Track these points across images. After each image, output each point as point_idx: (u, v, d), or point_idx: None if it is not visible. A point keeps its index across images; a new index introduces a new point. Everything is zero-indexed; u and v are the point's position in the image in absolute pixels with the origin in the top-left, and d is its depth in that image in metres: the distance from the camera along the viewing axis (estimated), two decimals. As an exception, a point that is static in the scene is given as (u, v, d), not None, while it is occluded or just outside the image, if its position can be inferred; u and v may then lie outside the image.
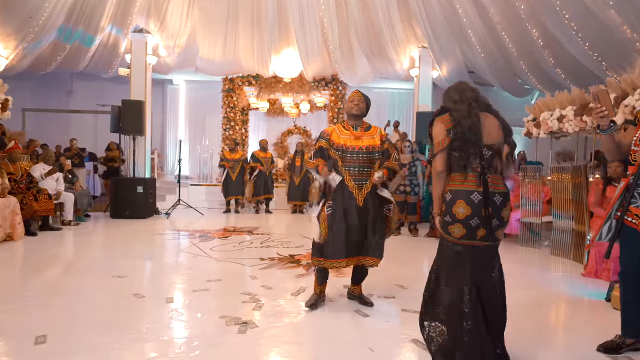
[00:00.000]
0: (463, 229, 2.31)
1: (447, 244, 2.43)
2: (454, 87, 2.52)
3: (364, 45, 10.00)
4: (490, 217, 2.30)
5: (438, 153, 2.39)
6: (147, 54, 9.62)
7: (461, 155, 2.33)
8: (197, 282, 4.27)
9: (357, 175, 3.37)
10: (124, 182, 8.95)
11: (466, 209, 2.29)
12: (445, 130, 2.37)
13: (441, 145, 2.37)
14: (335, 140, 3.45)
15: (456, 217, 2.31)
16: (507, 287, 2.56)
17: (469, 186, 2.32)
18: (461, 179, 2.35)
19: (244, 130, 13.36)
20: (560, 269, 5.38)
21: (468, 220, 2.30)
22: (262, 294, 3.85)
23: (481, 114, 2.39)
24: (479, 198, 2.29)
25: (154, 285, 4.11)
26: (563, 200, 5.73)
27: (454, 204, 2.33)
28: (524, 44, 9.10)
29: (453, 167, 2.39)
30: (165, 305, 3.52)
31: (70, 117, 14.99)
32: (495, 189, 2.34)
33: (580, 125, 6.63)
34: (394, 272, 4.82)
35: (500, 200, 2.34)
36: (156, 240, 6.52)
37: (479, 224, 2.30)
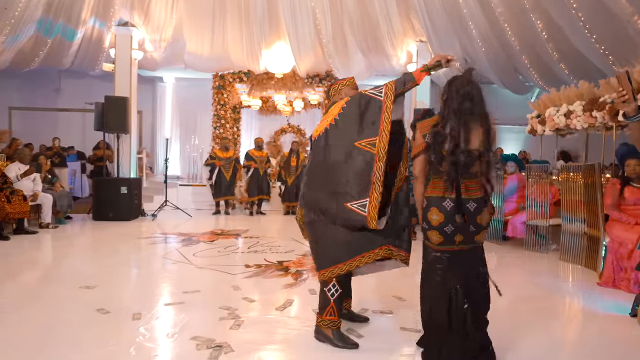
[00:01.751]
0: (439, 235, 2.29)
1: (428, 249, 2.41)
2: (455, 83, 2.34)
3: (359, 38, 9.56)
4: (466, 224, 2.27)
5: (415, 157, 2.40)
6: (132, 48, 9.17)
7: (436, 160, 2.31)
8: (172, 293, 3.84)
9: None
10: (107, 183, 8.51)
11: (439, 215, 2.27)
12: (421, 134, 2.37)
13: (418, 149, 2.38)
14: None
15: (431, 223, 2.30)
16: (511, 296, 2.70)
17: (440, 192, 2.30)
18: (435, 185, 2.34)
19: (235, 129, 12.94)
20: (572, 277, 4.97)
21: (442, 227, 2.27)
22: (243, 309, 3.42)
23: (471, 118, 2.28)
24: (451, 205, 2.26)
25: (122, 297, 3.67)
26: (573, 202, 5.32)
27: (428, 211, 2.32)
28: (527, 37, 8.70)
29: (431, 171, 2.38)
30: (130, 323, 3.08)
31: (58, 115, 14.64)
32: (469, 196, 2.29)
33: (589, 121, 6.23)
34: (390, 280, 4.39)
35: (474, 206, 2.30)
36: (137, 245, 6.08)
37: (454, 231, 2.27)
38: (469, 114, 2.27)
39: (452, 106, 2.29)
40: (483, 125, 2.30)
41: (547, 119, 7.11)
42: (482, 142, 2.29)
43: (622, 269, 4.19)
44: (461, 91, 2.29)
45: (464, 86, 2.30)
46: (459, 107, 2.27)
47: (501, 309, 3.25)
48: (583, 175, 5.10)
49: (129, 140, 9.22)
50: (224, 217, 9.32)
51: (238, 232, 7.24)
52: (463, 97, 2.28)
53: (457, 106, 2.27)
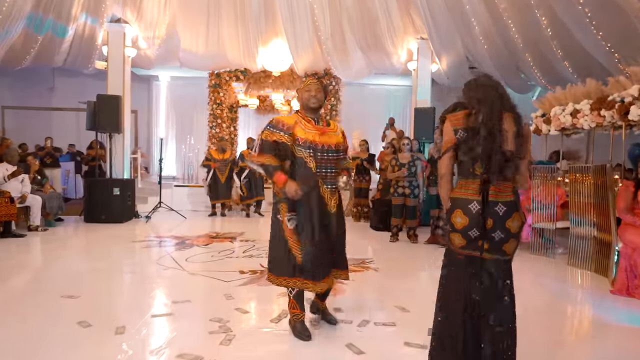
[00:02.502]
0: (462, 239, 2.13)
1: (451, 250, 2.25)
2: (477, 83, 2.22)
3: (358, 36, 9.32)
4: (492, 230, 2.08)
5: (443, 154, 2.20)
6: (125, 45, 8.91)
7: (468, 159, 2.13)
8: (160, 303, 3.61)
9: (329, 178, 2.92)
10: (100, 184, 8.27)
11: (464, 219, 2.11)
12: (453, 130, 2.17)
13: (448, 145, 2.18)
14: (301, 135, 2.88)
15: (454, 226, 2.14)
16: (516, 304, 2.25)
17: (468, 194, 2.13)
18: (462, 187, 2.17)
19: (232, 129, 12.70)
20: (581, 283, 4.75)
21: (467, 232, 2.10)
22: (235, 321, 3.19)
23: (504, 116, 2.13)
24: (477, 208, 2.09)
25: (107, 308, 3.44)
26: (582, 204, 5.11)
27: (452, 213, 2.16)
28: (531, 34, 8.47)
29: (459, 171, 2.22)
30: (112, 338, 2.84)
31: (52, 114, 14.42)
32: (497, 198, 2.10)
33: (597, 120, 6.01)
34: (392, 288, 4.18)
35: (503, 210, 2.10)
36: (128, 249, 5.84)
37: (478, 236, 2.09)
38: (501, 106, 2.13)
39: (482, 99, 2.13)
40: (516, 124, 2.16)
41: (552, 118, 6.88)
42: (515, 142, 2.14)
43: (637, 276, 3.97)
44: (488, 83, 2.18)
45: (490, 80, 2.21)
46: (489, 97, 2.13)
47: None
48: (593, 177, 4.88)
49: (122, 140, 8.96)
50: (220, 219, 9.09)
51: (234, 235, 7.02)
52: (491, 87, 2.17)
53: (487, 96, 2.13)
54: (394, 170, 6.63)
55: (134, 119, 14.98)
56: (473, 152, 2.10)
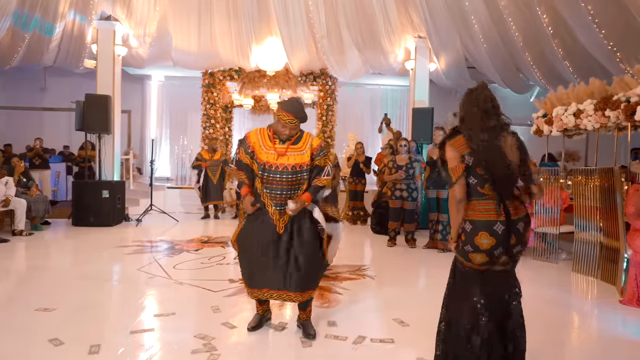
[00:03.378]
0: (486, 257, 2.18)
1: (464, 267, 2.27)
2: (473, 98, 2.27)
3: (354, 34, 9.07)
4: (514, 245, 2.20)
5: (456, 181, 2.21)
6: (116, 44, 8.66)
7: (478, 181, 2.19)
8: (141, 317, 3.37)
9: (279, 200, 2.91)
10: (88, 186, 8.01)
11: (490, 240, 2.15)
12: (460, 155, 2.21)
13: (457, 172, 2.21)
14: (258, 155, 2.95)
15: (479, 248, 2.17)
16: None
17: (490, 216, 2.17)
18: (477, 208, 2.21)
19: (227, 129, 12.46)
20: (588, 292, 4.54)
21: (492, 251, 2.17)
22: (221, 337, 2.96)
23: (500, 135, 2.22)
24: (502, 228, 2.15)
25: (83, 323, 3.20)
26: (588, 208, 4.90)
27: (476, 235, 2.18)
28: (532, 33, 8.27)
29: (471, 194, 2.24)
30: (85, 358, 2.61)
31: (44, 115, 14.22)
32: (517, 216, 2.20)
33: (601, 121, 5.80)
34: (390, 299, 3.95)
35: (522, 226, 2.22)
36: (113, 255, 5.59)
37: (502, 252, 2.18)
38: (500, 129, 2.21)
39: (480, 124, 2.20)
40: (511, 135, 2.26)
41: (554, 118, 6.67)
42: (516, 154, 2.23)
43: (647, 285, 3.76)
44: (482, 107, 2.22)
45: (487, 102, 2.23)
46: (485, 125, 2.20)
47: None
48: (599, 179, 4.67)
49: (112, 141, 8.71)
50: (213, 222, 8.86)
51: (226, 239, 6.78)
52: (488, 115, 2.21)
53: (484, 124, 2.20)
54: (391, 172, 6.41)
55: (127, 119, 14.75)
56: (480, 175, 2.17)
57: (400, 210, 6.42)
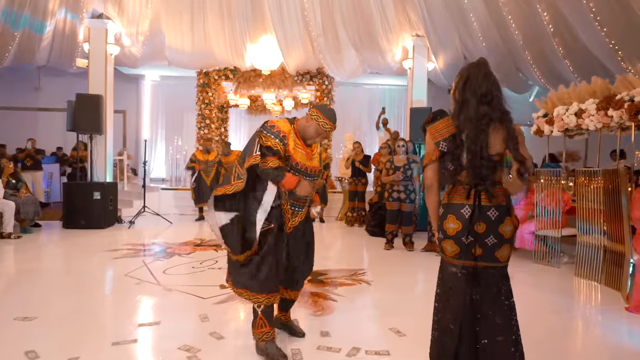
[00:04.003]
0: (456, 245, 2.08)
1: (445, 264, 2.19)
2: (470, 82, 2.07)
3: (351, 32, 8.91)
4: (485, 234, 2.05)
5: (427, 165, 2.15)
6: (108, 42, 8.49)
7: (453, 166, 2.09)
8: (125, 327, 3.20)
9: (299, 202, 2.80)
10: (79, 187, 7.84)
11: (456, 223, 2.07)
12: (434, 143, 2.12)
13: (430, 156, 2.13)
14: (292, 152, 2.69)
15: (447, 232, 2.10)
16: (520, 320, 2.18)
17: (458, 199, 2.10)
18: (453, 192, 2.13)
19: (223, 129, 12.30)
20: (591, 298, 4.38)
21: (459, 237, 2.06)
22: (207, 350, 2.79)
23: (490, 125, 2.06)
24: (469, 212, 2.06)
25: (63, 333, 3.03)
26: (591, 210, 4.75)
27: (445, 219, 2.12)
28: (532, 31, 8.13)
29: (445, 180, 2.17)
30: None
31: (38, 115, 14.08)
32: (490, 203, 2.06)
33: (603, 120, 5.65)
34: (387, 306, 3.79)
35: (496, 215, 2.06)
36: (102, 259, 5.42)
37: (472, 242, 2.06)
38: (489, 120, 2.03)
39: (468, 113, 2.04)
40: (504, 123, 2.06)
41: (555, 118, 6.52)
42: (506, 142, 2.06)
43: (655, 292, 3.61)
44: (478, 92, 2.04)
45: (480, 86, 2.05)
46: (475, 114, 2.03)
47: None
48: (603, 181, 4.53)
49: (105, 142, 8.53)
50: (207, 224, 8.67)
51: (219, 242, 6.60)
52: (480, 100, 2.04)
53: (474, 113, 2.03)
54: (388, 173, 6.26)
55: (122, 119, 14.61)
56: (457, 161, 2.07)
57: (397, 212, 6.27)
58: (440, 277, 2.21)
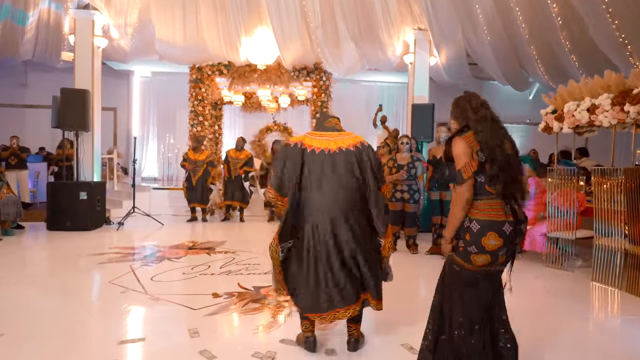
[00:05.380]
0: (489, 258, 2.13)
1: (464, 270, 2.18)
2: (467, 101, 2.25)
3: (351, 25, 8.54)
4: (515, 245, 2.20)
5: (468, 179, 2.12)
6: (95, 34, 8.08)
7: (485, 180, 2.14)
8: (105, 345, 2.84)
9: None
10: (64, 187, 7.46)
11: (498, 240, 2.11)
12: (472, 151, 2.13)
13: (470, 168, 2.12)
14: None
15: (485, 248, 2.12)
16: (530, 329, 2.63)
17: (499, 216, 2.13)
18: (487, 207, 2.14)
19: (217, 127, 11.91)
20: (609, 305, 4.07)
21: (497, 252, 2.13)
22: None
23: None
24: (510, 229, 2.14)
25: (31, 353, 2.67)
26: (610, 211, 4.44)
27: (483, 236, 2.11)
28: (539, 23, 7.82)
29: (477, 193, 2.16)
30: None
31: (24, 112, 13.67)
32: (522, 217, 2.20)
33: (619, 116, 5.34)
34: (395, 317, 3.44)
35: (525, 227, 2.26)
36: (85, 264, 5.04)
37: (504, 253, 2.16)
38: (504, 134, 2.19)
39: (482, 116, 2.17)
40: (507, 136, 2.21)
41: (565, 114, 6.21)
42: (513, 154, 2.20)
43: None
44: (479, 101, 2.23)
45: (478, 98, 2.25)
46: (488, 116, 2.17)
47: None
48: (625, 179, 4.22)
49: (92, 139, 8.14)
50: (201, 225, 8.34)
51: (212, 244, 6.27)
52: (484, 106, 2.22)
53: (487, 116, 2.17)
54: (391, 172, 5.93)
55: (113, 117, 14.21)
56: (496, 172, 2.10)
57: (401, 213, 5.94)
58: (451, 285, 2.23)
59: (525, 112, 13.54)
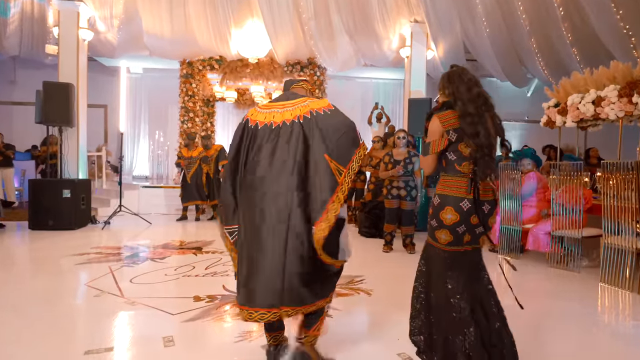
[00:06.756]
0: (450, 235, 2.19)
1: (435, 250, 2.27)
2: (458, 76, 2.22)
3: (345, 17, 8.26)
4: (476, 225, 2.20)
5: (431, 154, 2.22)
6: (80, 27, 7.77)
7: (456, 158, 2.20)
8: (68, 355, 2.55)
9: None
10: (47, 185, 7.14)
11: (454, 215, 2.17)
12: (442, 130, 2.18)
13: (438, 146, 2.19)
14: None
15: (443, 222, 2.19)
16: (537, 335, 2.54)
17: (460, 193, 2.18)
18: (450, 185, 2.22)
19: (209, 124, 11.62)
20: (620, 308, 3.80)
21: (455, 227, 2.17)
22: (165, 388, 2.17)
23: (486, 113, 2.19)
24: (468, 206, 2.17)
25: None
26: (620, 209, 4.17)
27: (442, 210, 2.20)
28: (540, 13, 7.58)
29: (443, 169, 2.27)
30: None
31: (13, 109, 13.39)
32: (484, 198, 2.22)
33: (626, 109, 5.09)
34: (390, 322, 3.17)
35: (488, 209, 2.24)
36: (63, 265, 4.74)
37: (465, 231, 2.19)
38: (485, 100, 2.17)
39: (465, 96, 2.15)
40: (492, 115, 2.22)
41: (569, 107, 5.95)
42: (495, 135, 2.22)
43: None
44: (465, 78, 2.20)
45: (466, 74, 2.23)
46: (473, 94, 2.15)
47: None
48: (637, 175, 3.95)
49: (77, 135, 7.83)
50: (193, 224, 8.06)
51: (200, 244, 5.98)
52: (473, 82, 2.19)
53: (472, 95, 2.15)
54: (387, 168, 5.66)
55: (103, 114, 13.91)
56: (466, 151, 2.15)
57: (397, 211, 5.67)
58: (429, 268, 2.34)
59: (523, 109, 13.32)
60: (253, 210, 2.13)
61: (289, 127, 2.17)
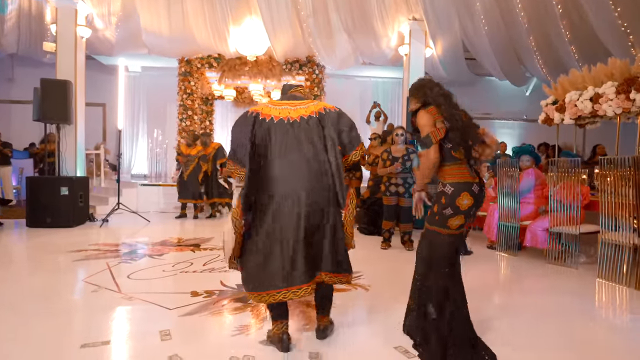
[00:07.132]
0: (463, 219, 2.38)
1: (442, 237, 2.41)
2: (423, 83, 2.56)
3: (344, 15, 8.26)
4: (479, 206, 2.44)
5: (435, 143, 2.38)
6: (78, 24, 7.76)
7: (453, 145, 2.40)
8: (64, 348, 2.54)
9: None
10: (44, 182, 7.13)
11: (469, 200, 2.36)
12: (433, 120, 2.40)
13: (438, 134, 2.37)
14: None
15: (460, 208, 2.35)
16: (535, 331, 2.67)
17: (467, 178, 2.39)
18: (459, 171, 2.41)
19: (208, 123, 11.61)
20: (619, 304, 3.81)
21: (470, 211, 2.38)
22: (161, 381, 2.16)
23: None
24: (478, 189, 2.40)
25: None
26: (618, 205, 4.18)
27: (458, 196, 2.36)
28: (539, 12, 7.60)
29: (445, 158, 2.43)
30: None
31: (11, 108, 13.41)
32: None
33: (624, 105, 5.10)
34: (387, 316, 3.17)
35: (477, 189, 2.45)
36: (61, 261, 4.73)
37: (474, 212, 2.41)
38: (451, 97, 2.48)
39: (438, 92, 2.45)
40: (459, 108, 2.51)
41: (567, 105, 5.96)
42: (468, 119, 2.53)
43: None
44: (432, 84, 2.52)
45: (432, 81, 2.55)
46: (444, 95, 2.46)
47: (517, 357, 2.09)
48: (634, 171, 3.96)
49: (74, 132, 7.82)
50: (190, 222, 8.05)
51: (198, 241, 5.98)
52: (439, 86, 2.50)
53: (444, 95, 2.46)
54: (385, 165, 5.65)
55: (102, 112, 13.91)
56: (461, 138, 2.36)
57: (395, 208, 5.67)
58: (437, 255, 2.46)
59: (522, 108, 13.34)
60: (288, 194, 2.41)
61: (306, 120, 2.49)
